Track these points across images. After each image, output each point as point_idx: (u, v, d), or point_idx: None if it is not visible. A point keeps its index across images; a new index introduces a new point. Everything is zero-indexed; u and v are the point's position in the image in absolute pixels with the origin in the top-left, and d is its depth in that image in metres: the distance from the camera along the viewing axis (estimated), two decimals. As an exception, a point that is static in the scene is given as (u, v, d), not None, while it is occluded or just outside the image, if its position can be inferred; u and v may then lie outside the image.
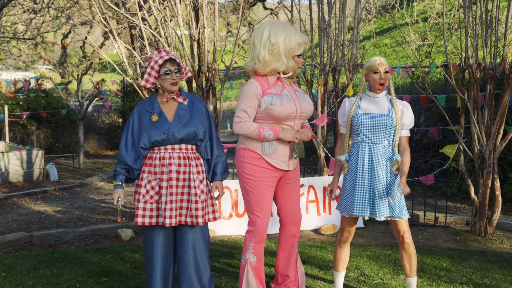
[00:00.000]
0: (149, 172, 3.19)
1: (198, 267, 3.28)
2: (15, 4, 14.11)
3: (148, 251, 3.25)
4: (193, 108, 3.27)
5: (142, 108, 3.25)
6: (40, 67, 24.39)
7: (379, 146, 3.27)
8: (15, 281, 3.86)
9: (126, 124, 3.27)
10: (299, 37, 3.26)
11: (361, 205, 3.27)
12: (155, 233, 3.22)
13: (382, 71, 3.28)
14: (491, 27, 5.11)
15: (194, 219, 3.18)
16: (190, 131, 3.19)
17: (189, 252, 3.25)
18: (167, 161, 3.16)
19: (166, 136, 3.15)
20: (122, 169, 3.19)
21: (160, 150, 3.19)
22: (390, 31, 17.89)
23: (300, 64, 3.33)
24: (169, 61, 3.14)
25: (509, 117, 6.91)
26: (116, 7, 5.97)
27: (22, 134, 11.82)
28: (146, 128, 3.17)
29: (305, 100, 3.38)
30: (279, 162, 3.31)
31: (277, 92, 3.26)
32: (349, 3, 10.23)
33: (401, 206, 3.25)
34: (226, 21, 16.08)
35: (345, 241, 3.49)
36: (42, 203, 7.06)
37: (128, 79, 5.80)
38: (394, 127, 3.28)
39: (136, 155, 3.18)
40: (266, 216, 3.33)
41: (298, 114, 3.30)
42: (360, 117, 3.30)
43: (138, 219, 3.15)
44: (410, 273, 3.39)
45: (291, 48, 3.23)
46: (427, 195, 7.48)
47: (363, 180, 3.28)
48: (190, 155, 3.23)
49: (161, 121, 3.17)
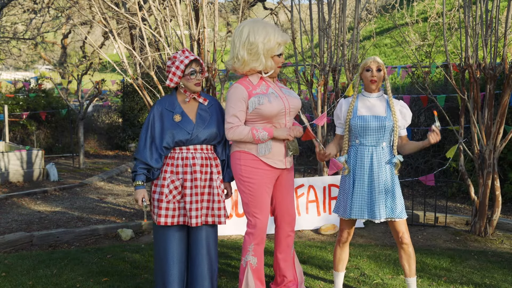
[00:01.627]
0: (171, 172, 3.16)
1: (211, 266, 3.28)
2: (15, 4, 14.11)
3: (163, 252, 3.21)
4: (212, 109, 3.29)
5: (162, 107, 3.21)
6: (40, 67, 24.38)
7: (377, 148, 3.27)
8: (15, 281, 3.86)
9: (145, 122, 3.22)
10: (279, 36, 3.23)
11: (360, 208, 3.27)
12: (170, 233, 3.19)
13: (374, 69, 3.27)
14: (491, 27, 5.11)
15: (216, 218, 3.20)
16: (212, 132, 3.21)
17: (203, 252, 3.24)
18: (190, 161, 3.16)
19: (190, 136, 3.15)
20: (143, 169, 3.15)
21: (182, 150, 3.18)
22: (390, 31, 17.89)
23: (280, 63, 3.30)
24: (194, 61, 3.16)
25: (509, 117, 6.91)
26: (116, 7, 5.97)
27: (22, 134, 11.82)
28: (169, 128, 3.14)
29: (291, 96, 3.38)
30: (275, 161, 3.30)
31: (262, 92, 3.25)
32: (349, 3, 10.23)
33: (401, 207, 3.25)
34: (226, 21, 16.08)
35: (344, 241, 3.50)
36: (42, 203, 7.06)
37: (128, 79, 5.80)
38: (392, 129, 3.28)
39: (157, 155, 3.15)
40: (266, 217, 3.32)
41: (287, 110, 3.30)
42: (358, 120, 3.28)
43: (161, 219, 3.12)
44: (410, 273, 3.40)
45: (270, 48, 3.20)
46: (427, 195, 7.48)
47: (362, 183, 3.27)
48: (210, 155, 3.25)
49: (184, 121, 3.17)
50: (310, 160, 10.66)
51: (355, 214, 3.28)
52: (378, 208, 3.22)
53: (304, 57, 6.17)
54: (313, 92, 6.21)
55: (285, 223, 3.47)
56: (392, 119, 3.26)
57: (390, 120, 3.26)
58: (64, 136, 12.46)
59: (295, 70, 6.41)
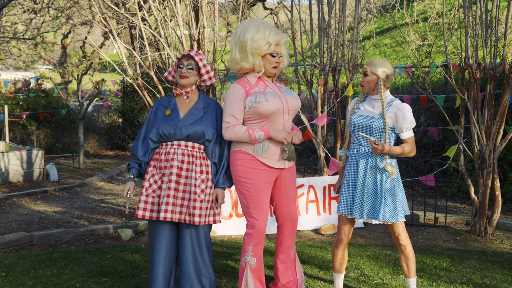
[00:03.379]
0: (154, 166, 3.27)
1: (198, 267, 3.28)
2: (15, 4, 14.11)
3: (152, 247, 3.31)
4: (207, 109, 3.33)
5: (159, 104, 3.36)
6: (40, 67, 24.39)
7: (367, 149, 3.29)
8: (15, 281, 3.86)
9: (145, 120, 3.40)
10: (270, 35, 3.20)
11: (345, 205, 3.36)
12: (159, 229, 3.26)
13: (364, 73, 3.34)
14: (491, 27, 5.11)
15: (191, 217, 3.19)
16: (198, 129, 3.23)
17: (188, 252, 3.26)
18: (170, 156, 3.21)
19: (173, 130, 3.21)
20: (135, 163, 3.31)
21: (167, 146, 3.25)
22: (390, 31, 17.88)
23: (273, 63, 3.26)
24: (185, 57, 3.28)
25: (509, 117, 6.91)
26: (116, 7, 5.97)
27: (22, 134, 11.81)
28: (158, 122, 3.27)
29: (291, 95, 3.37)
30: (273, 161, 3.29)
31: (260, 90, 3.26)
32: (349, 3, 10.23)
33: (391, 210, 3.25)
34: (226, 21, 16.08)
35: (341, 242, 3.48)
36: (42, 203, 7.06)
37: (128, 79, 5.80)
38: (382, 130, 3.27)
39: (146, 148, 3.28)
40: (264, 218, 3.31)
41: (285, 108, 3.28)
42: (354, 118, 3.36)
43: (138, 212, 3.22)
44: (409, 274, 3.40)
45: (258, 47, 3.19)
46: (427, 195, 7.49)
47: (348, 180, 3.36)
48: (196, 154, 3.25)
49: (172, 116, 3.26)
50: (310, 160, 10.66)
51: (342, 210, 3.37)
52: (357, 208, 3.29)
53: (304, 57, 6.17)
54: (313, 92, 6.21)
55: (286, 223, 3.46)
56: (383, 121, 3.26)
57: (380, 121, 3.26)
58: (64, 136, 12.46)
59: (295, 70, 6.41)
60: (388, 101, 3.31)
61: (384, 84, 3.29)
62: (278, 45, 3.27)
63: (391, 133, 3.30)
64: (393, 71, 3.37)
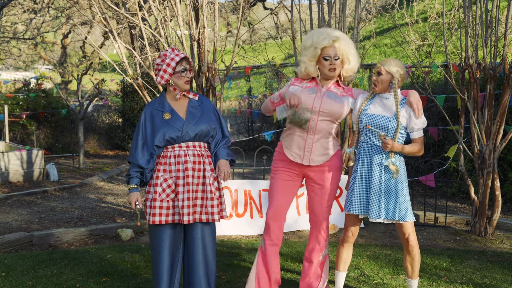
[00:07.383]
0: (164, 170, 3.16)
1: (207, 266, 3.26)
2: (15, 4, 14.12)
3: (156, 249, 3.22)
4: (202, 106, 3.28)
5: (152, 108, 3.23)
6: (40, 67, 24.37)
7: (380, 148, 3.27)
8: (15, 281, 3.86)
9: (137, 127, 3.23)
10: (319, 39, 3.28)
11: (358, 204, 3.33)
12: (164, 231, 3.19)
13: (377, 72, 3.34)
14: (491, 27, 5.11)
15: (210, 216, 3.18)
16: (203, 128, 3.20)
17: (199, 252, 3.23)
18: (182, 159, 3.14)
19: (180, 133, 3.14)
20: (136, 172, 3.15)
21: (175, 148, 3.17)
22: (390, 31, 17.88)
23: (327, 66, 3.29)
24: (184, 59, 3.18)
25: (509, 117, 6.91)
26: (116, 7, 5.97)
27: (22, 134, 11.81)
28: (160, 127, 3.14)
29: (334, 100, 3.34)
30: (292, 154, 3.40)
31: (303, 86, 3.40)
32: (349, 3, 10.23)
33: (403, 209, 3.24)
34: (226, 21, 16.08)
35: (347, 240, 3.50)
36: (42, 203, 7.06)
37: (128, 79, 5.80)
38: (395, 130, 3.26)
39: (148, 155, 3.15)
40: (272, 210, 3.43)
41: (316, 109, 3.31)
42: (365, 117, 3.30)
43: (155, 218, 3.12)
44: (412, 275, 3.40)
45: (307, 53, 3.34)
46: (427, 195, 7.49)
47: (361, 179, 3.32)
48: (203, 153, 3.23)
49: (174, 119, 3.17)
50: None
51: (354, 209, 3.34)
52: (372, 208, 3.25)
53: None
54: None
55: (312, 223, 3.57)
56: (397, 121, 3.25)
57: (394, 121, 3.25)
58: (64, 136, 12.46)
59: (295, 70, 6.41)
60: (400, 101, 3.31)
61: (397, 83, 3.30)
62: (330, 47, 3.28)
63: (402, 132, 3.29)
64: (405, 70, 3.38)
